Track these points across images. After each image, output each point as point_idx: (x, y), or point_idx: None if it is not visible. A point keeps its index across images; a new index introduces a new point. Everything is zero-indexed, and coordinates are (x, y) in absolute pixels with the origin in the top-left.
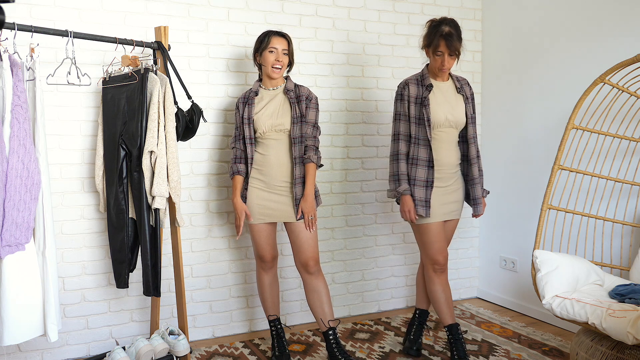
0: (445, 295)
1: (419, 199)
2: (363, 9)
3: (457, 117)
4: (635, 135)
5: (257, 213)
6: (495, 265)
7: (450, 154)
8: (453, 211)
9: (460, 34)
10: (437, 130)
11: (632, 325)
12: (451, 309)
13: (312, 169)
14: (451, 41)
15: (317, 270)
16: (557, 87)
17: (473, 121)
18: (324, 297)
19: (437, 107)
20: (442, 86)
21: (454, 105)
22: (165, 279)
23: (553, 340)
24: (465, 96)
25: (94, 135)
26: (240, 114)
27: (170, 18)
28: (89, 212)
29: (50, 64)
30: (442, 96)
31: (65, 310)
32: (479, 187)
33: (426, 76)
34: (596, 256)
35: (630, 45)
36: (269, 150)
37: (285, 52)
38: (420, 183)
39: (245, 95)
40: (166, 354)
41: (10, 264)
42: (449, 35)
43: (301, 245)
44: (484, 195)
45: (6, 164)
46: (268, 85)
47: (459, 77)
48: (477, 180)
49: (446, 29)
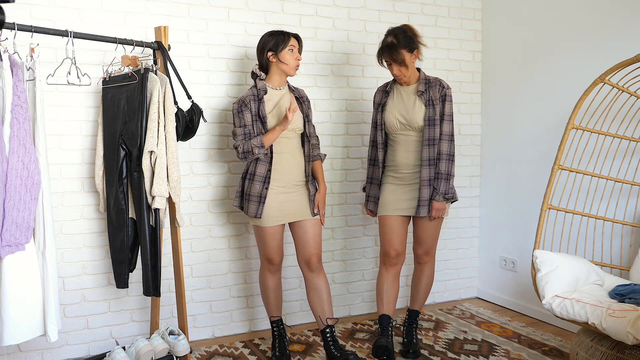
0: (393, 290)
1: (373, 195)
2: (363, 9)
3: (411, 119)
4: (635, 135)
5: (275, 216)
6: (495, 265)
7: (408, 155)
8: (413, 207)
9: (408, 41)
10: (395, 133)
11: (632, 325)
12: (393, 304)
13: (321, 166)
14: (392, 52)
15: (319, 267)
16: (557, 87)
17: (432, 123)
18: (325, 295)
19: (389, 112)
20: (404, 90)
21: (409, 108)
22: (165, 279)
23: (553, 340)
24: (427, 98)
25: (94, 135)
26: (252, 111)
27: (170, 18)
28: (89, 212)
29: (50, 64)
30: (400, 100)
31: (65, 310)
32: (426, 190)
33: (391, 82)
34: (596, 256)
35: (630, 45)
36: (283, 149)
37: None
38: (375, 182)
39: (254, 94)
40: (166, 354)
41: (10, 264)
42: (390, 46)
43: (307, 242)
44: (436, 198)
45: (6, 164)
46: (275, 84)
47: (433, 78)
48: (425, 182)
49: (389, 40)
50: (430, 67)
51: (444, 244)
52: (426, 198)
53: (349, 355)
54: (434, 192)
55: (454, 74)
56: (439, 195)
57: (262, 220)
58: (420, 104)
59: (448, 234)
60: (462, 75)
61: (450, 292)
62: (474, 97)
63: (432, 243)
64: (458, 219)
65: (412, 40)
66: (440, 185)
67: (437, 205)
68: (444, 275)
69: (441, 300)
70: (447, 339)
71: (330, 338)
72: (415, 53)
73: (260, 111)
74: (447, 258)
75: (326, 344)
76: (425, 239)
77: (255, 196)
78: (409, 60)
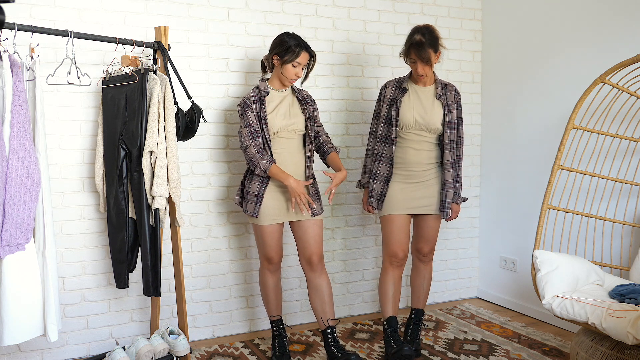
0: (399, 291)
1: (376, 192)
2: (363, 9)
3: (429, 121)
4: (635, 135)
5: (271, 215)
6: (495, 265)
7: (420, 154)
8: (424, 206)
9: (434, 41)
10: (407, 131)
11: (632, 325)
12: (398, 305)
13: (338, 156)
14: (420, 50)
15: (320, 267)
16: (557, 87)
17: (452, 128)
18: (326, 296)
19: (407, 110)
20: (421, 91)
21: (428, 109)
22: (165, 279)
23: (553, 340)
24: (445, 103)
25: (94, 135)
26: (255, 112)
27: (170, 18)
28: (89, 212)
29: (50, 64)
30: (417, 100)
31: (65, 310)
32: (450, 192)
33: (406, 80)
34: (596, 256)
35: (630, 45)
36: (282, 149)
37: (304, 66)
38: (380, 178)
39: (256, 94)
40: (166, 354)
41: (10, 264)
42: (419, 44)
43: (307, 241)
44: (457, 201)
45: (6, 164)
46: (277, 86)
47: (447, 83)
48: (449, 185)
49: (417, 38)
50: None
51: (444, 244)
52: (450, 200)
53: (351, 355)
54: (455, 196)
55: (454, 74)
56: (460, 198)
57: (259, 219)
58: (439, 107)
59: (448, 234)
60: (462, 75)
61: (450, 292)
62: (474, 97)
63: (435, 241)
64: (458, 219)
65: (437, 40)
66: (460, 189)
67: (457, 208)
68: (444, 275)
69: (441, 300)
70: (447, 339)
71: (331, 338)
72: (438, 54)
73: (261, 112)
74: (447, 258)
75: (327, 345)
76: (432, 237)
77: (253, 195)
78: (433, 60)
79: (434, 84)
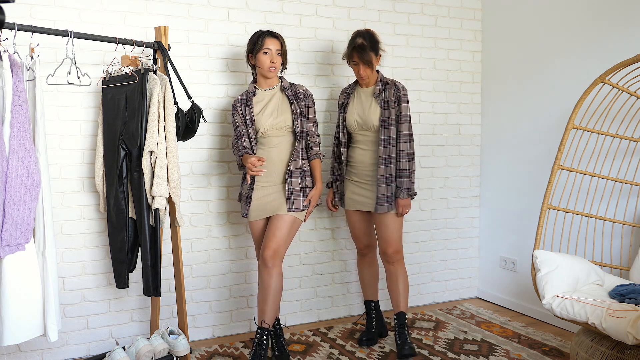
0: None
1: (338, 191)
2: (363, 9)
3: (367, 120)
4: (635, 135)
5: (255, 211)
6: (495, 265)
7: (365, 153)
8: (366, 203)
9: (375, 45)
10: (355, 132)
11: (632, 325)
12: (375, 288)
13: (319, 164)
14: (362, 53)
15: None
16: (557, 87)
17: (387, 124)
18: (278, 294)
19: (349, 112)
20: (363, 92)
21: (366, 109)
22: (165, 279)
23: (553, 340)
24: (383, 100)
25: (94, 135)
26: (240, 114)
27: (170, 18)
28: (89, 212)
29: (50, 64)
30: (359, 102)
31: (65, 310)
32: (383, 187)
33: (353, 84)
34: (596, 256)
35: (630, 45)
36: (271, 148)
37: (278, 52)
38: (340, 178)
39: (242, 97)
40: (166, 354)
41: (10, 264)
42: (361, 47)
43: (267, 235)
44: (400, 196)
45: (6, 164)
46: (264, 86)
47: (389, 81)
48: (381, 180)
49: (359, 41)
50: (430, 67)
51: (444, 244)
52: (383, 195)
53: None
54: (398, 190)
55: (454, 74)
56: (403, 192)
57: (248, 217)
58: (376, 105)
59: (448, 234)
60: (462, 75)
61: (450, 292)
62: (474, 97)
63: (399, 240)
64: (458, 219)
65: (378, 44)
66: (404, 183)
67: (402, 202)
68: (444, 275)
69: (441, 300)
70: (447, 339)
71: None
72: (379, 57)
73: (246, 113)
74: (447, 258)
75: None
76: (390, 236)
77: (244, 196)
78: (374, 62)
79: (375, 84)
